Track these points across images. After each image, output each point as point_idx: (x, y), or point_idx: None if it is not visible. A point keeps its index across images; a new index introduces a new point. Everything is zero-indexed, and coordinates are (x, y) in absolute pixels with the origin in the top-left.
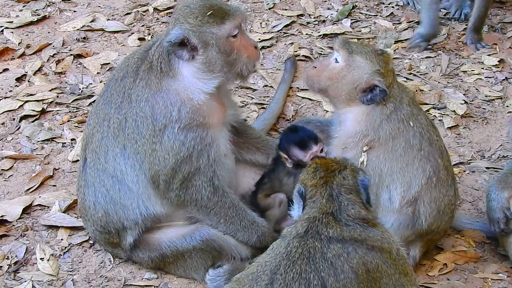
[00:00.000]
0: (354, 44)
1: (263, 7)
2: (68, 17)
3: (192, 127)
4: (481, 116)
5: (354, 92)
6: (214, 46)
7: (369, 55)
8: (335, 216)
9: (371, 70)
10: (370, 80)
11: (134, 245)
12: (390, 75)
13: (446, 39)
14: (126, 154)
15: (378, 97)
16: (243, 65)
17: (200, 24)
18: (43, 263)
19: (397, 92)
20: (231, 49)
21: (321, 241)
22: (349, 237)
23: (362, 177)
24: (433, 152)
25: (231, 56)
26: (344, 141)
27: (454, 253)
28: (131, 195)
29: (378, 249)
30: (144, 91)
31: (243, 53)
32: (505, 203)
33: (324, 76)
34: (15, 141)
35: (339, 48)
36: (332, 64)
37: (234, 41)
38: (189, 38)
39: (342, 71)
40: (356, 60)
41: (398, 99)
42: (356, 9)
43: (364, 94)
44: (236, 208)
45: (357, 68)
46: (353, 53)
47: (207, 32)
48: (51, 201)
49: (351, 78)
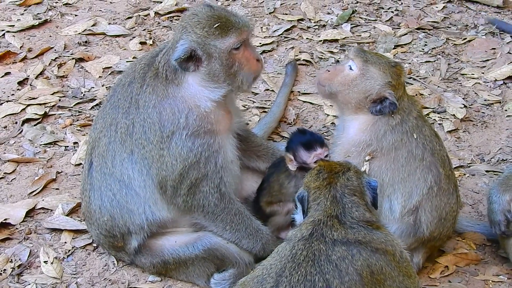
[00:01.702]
0: (369, 53)
1: (264, 12)
2: (69, 21)
3: (199, 134)
4: (481, 120)
5: (364, 102)
6: (217, 59)
7: (383, 67)
8: (340, 219)
9: (383, 82)
10: (381, 92)
11: (138, 250)
12: (401, 88)
13: (445, 43)
14: (134, 159)
15: (387, 109)
16: (243, 77)
17: (206, 35)
18: (47, 266)
19: (406, 105)
20: (232, 62)
21: (325, 243)
22: (353, 240)
23: (368, 178)
24: (435, 162)
25: (232, 68)
26: (347, 149)
27: (455, 255)
28: (138, 199)
29: (382, 251)
30: (151, 98)
31: (244, 65)
32: (506, 206)
33: (337, 81)
34: (18, 144)
35: (354, 56)
36: (347, 70)
37: (236, 53)
38: (195, 51)
39: (355, 79)
40: (370, 70)
41: (407, 112)
42: (356, 14)
43: (374, 104)
44: (242, 215)
45: (370, 79)
46: (368, 63)
47: (211, 45)
48: (54, 204)
49: (363, 87)
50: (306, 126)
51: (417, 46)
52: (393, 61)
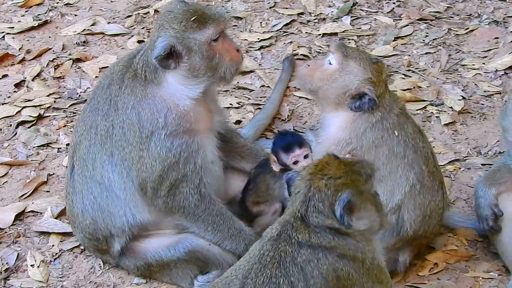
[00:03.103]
0: (350, 48)
1: (264, 6)
2: (69, 21)
3: (178, 133)
4: (479, 111)
5: (343, 97)
6: (198, 52)
7: (363, 62)
8: (305, 221)
9: (362, 77)
10: (360, 87)
11: (121, 252)
12: (382, 85)
13: (446, 34)
14: (114, 162)
15: (366, 105)
16: (226, 69)
17: (184, 29)
18: (34, 269)
19: (387, 102)
20: (213, 54)
21: (292, 245)
22: (317, 244)
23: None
24: (417, 160)
25: (213, 61)
26: (327, 148)
27: (445, 252)
28: (118, 202)
29: (350, 257)
30: (130, 98)
31: (225, 56)
32: (493, 200)
33: (316, 76)
34: (11, 147)
35: (334, 51)
36: (326, 65)
37: (215, 45)
38: (174, 46)
39: (334, 73)
40: (350, 65)
41: (388, 109)
42: (357, 6)
43: (353, 100)
44: (224, 216)
45: (350, 73)
46: (348, 57)
47: (190, 38)
48: (44, 207)
49: (342, 82)
50: (301, 122)
51: (418, 37)
52: (375, 57)
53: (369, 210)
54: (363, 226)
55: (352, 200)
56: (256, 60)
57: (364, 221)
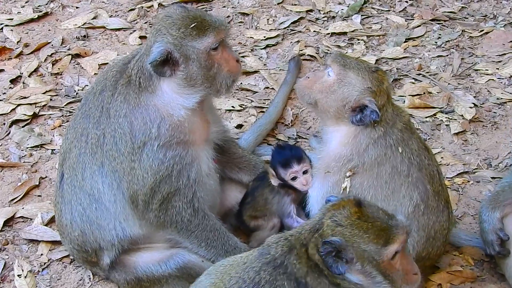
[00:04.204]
0: (348, 58)
1: (272, 2)
2: (70, 13)
3: (171, 145)
4: (491, 120)
5: (342, 110)
6: (195, 61)
7: (362, 72)
8: (307, 253)
9: (362, 88)
10: (360, 99)
11: (111, 266)
12: (383, 95)
13: (460, 36)
14: (104, 172)
15: (368, 118)
16: (223, 80)
17: (183, 36)
18: (20, 280)
19: (390, 116)
20: (211, 63)
21: (290, 281)
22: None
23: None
24: (422, 178)
25: (211, 70)
26: (327, 165)
27: (449, 272)
28: (108, 215)
29: None
30: (122, 106)
31: (223, 67)
32: (497, 224)
33: (316, 89)
34: (4, 147)
35: (331, 62)
36: (325, 77)
37: (214, 54)
38: (171, 53)
39: (332, 85)
40: (348, 76)
41: (390, 123)
42: (368, 3)
43: (354, 113)
44: (218, 231)
45: (348, 84)
46: (345, 68)
47: (188, 46)
48: (34, 213)
49: (340, 94)
50: (305, 127)
51: (430, 39)
52: (374, 66)
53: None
54: (359, 281)
55: (344, 250)
56: (261, 59)
57: (360, 277)
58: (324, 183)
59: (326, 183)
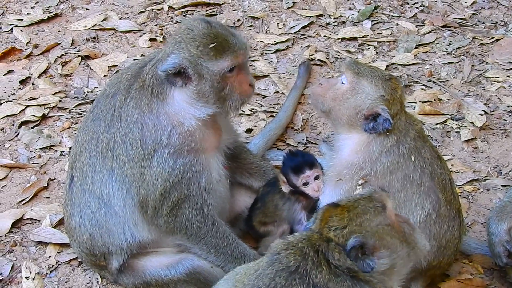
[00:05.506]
0: (362, 66)
1: (282, 6)
2: (80, 15)
3: (182, 152)
4: (501, 128)
5: (355, 118)
6: (208, 81)
7: (375, 80)
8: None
9: (375, 96)
10: (373, 107)
11: (119, 269)
12: (397, 103)
13: (471, 43)
14: (114, 176)
15: (381, 126)
16: (233, 102)
17: (200, 55)
18: (28, 282)
19: (403, 124)
20: (224, 85)
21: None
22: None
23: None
24: (434, 187)
25: (223, 92)
26: (339, 172)
27: (459, 281)
28: (117, 219)
29: None
30: (134, 111)
31: (235, 89)
32: (504, 236)
33: (329, 96)
34: (13, 148)
35: (345, 69)
36: (339, 84)
37: (229, 76)
38: (185, 69)
39: (346, 93)
40: (361, 84)
41: (403, 132)
42: (379, 9)
43: (367, 121)
44: (227, 238)
45: (361, 92)
46: (359, 75)
47: (203, 66)
48: (42, 215)
49: (353, 102)
50: (315, 132)
51: (441, 45)
52: (388, 74)
53: (391, 243)
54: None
55: (365, 241)
56: (271, 64)
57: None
58: (335, 191)
59: (338, 190)
